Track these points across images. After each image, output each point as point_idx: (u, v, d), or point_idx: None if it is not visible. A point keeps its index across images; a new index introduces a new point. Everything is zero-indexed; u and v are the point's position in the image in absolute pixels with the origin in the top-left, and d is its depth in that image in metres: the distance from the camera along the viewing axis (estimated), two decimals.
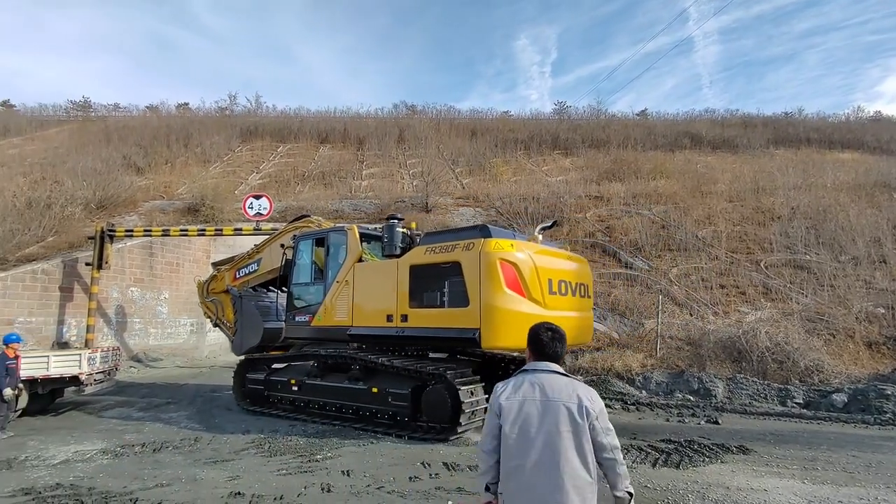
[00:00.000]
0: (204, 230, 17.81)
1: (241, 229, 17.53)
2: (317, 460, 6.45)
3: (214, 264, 13.42)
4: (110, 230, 16.08)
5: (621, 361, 11.70)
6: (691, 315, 13.39)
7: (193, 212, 21.26)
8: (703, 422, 8.69)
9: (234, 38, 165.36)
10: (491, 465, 2.45)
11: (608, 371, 11.62)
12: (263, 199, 18.25)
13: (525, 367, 2.56)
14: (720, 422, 8.63)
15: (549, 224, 12.06)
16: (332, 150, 37.22)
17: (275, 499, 5.11)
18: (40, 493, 5.38)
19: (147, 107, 46.98)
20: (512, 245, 7.32)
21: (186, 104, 48.90)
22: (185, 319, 19.75)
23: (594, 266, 17.10)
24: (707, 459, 6.43)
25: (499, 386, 2.54)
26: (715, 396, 10.30)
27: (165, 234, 17.18)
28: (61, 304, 15.81)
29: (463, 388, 7.25)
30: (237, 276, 11.76)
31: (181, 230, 17.45)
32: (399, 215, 9.41)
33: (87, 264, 15.91)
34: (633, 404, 10.02)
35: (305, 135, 39.32)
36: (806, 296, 14.13)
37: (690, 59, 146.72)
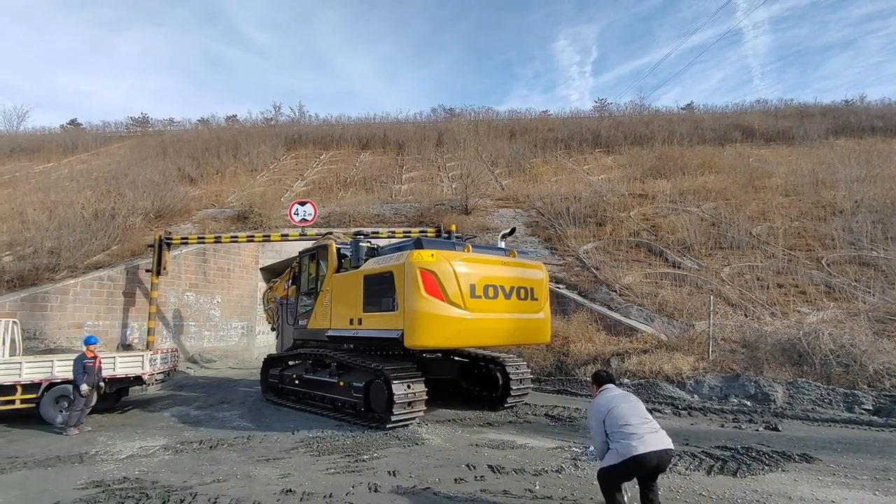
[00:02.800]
0: (253, 236, 18.50)
1: (287, 235, 18.11)
2: (363, 460, 6.57)
3: (263, 269, 14.17)
4: (167, 238, 16.98)
5: (671, 364, 11.27)
6: (746, 316, 12.77)
7: (242, 219, 22.13)
8: (761, 428, 8.25)
9: (278, 51, 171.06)
10: (601, 447, 4.29)
11: (657, 374, 11.23)
12: (308, 205, 18.77)
13: (601, 390, 4.59)
14: (780, 428, 8.17)
15: (509, 231, 14.17)
16: (372, 156, 37.90)
17: (324, 497, 5.23)
18: (109, 485, 5.73)
19: (199, 120, 49.47)
20: (432, 255, 8.19)
21: (234, 116, 51.11)
22: (236, 323, 20.57)
23: (639, 266, 16.64)
24: (767, 467, 6.10)
25: (591, 405, 4.55)
26: (774, 402, 9.76)
27: (217, 240, 17.96)
28: (125, 309, 16.83)
29: (396, 382, 8.04)
30: (286, 286, 12.98)
31: (231, 237, 18.20)
32: (365, 231, 10.98)
33: (147, 271, 16.86)
34: (684, 409, 9.65)
35: (347, 142, 40.25)
36: (873, 295, 13.21)
37: (739, 50, 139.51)
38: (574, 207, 21.07)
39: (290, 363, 11.42)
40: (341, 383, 9.28)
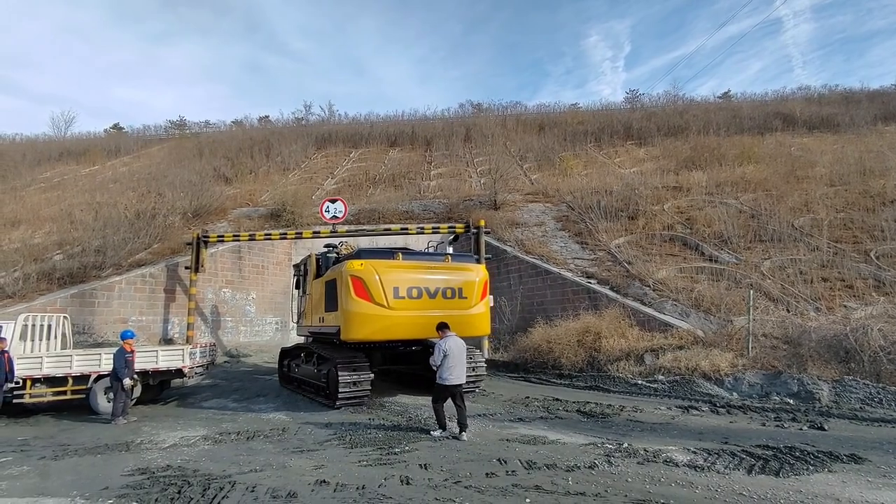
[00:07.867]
0: (286, 234, 18.91)
1: (319, 232, 18.43)
2: (395, 453, 6.64)
3: (295, 266, 14.47)
4: (205, 236, 17.54)
5: (708, 361, 10.95)
6: (788, 311, 12.27)
7: (276, 217, 22.62)
8: (805, 427, 7.92)
9: (316, 57, 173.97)
10: (441, 363, 7.51)
11: (693, 371, 10.93)
12: (339, 202, 19.05)
13: (447, 335, 7.73)
14: (826, 428, 7.81)
15: (453, 238, 17.59)
16: (401, 153, 38.11)
17: (357, 488, 5.31)
18: (154, 473, 5.99)
19: (233, 122, 50.81)
20: (361, 264, 9.56)
21: (267, 117, 52.24)
22: (271, 318, 21.10)
23: (673, 260, 16.21)
24: (812, 468, 5.86)
25: (441, 342, 7.62)
26: (819, 400, 9.36)
27: (252, 238, 18.44)
28: (166, 305, 17.49)
29: (342, 369, 9.51)
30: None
31: (265, 234, 18.65)
32: (334, 243, 12.77)
33: (186, 268, 17.46)
34: (723, 407, 9.35)
35: (376, 139, 40.60)
36: None
37: (779, 39, 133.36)
38: (605, 201, 20.66)
39: (300, 355, 12.81)
40: (316, 371, 10.80)
